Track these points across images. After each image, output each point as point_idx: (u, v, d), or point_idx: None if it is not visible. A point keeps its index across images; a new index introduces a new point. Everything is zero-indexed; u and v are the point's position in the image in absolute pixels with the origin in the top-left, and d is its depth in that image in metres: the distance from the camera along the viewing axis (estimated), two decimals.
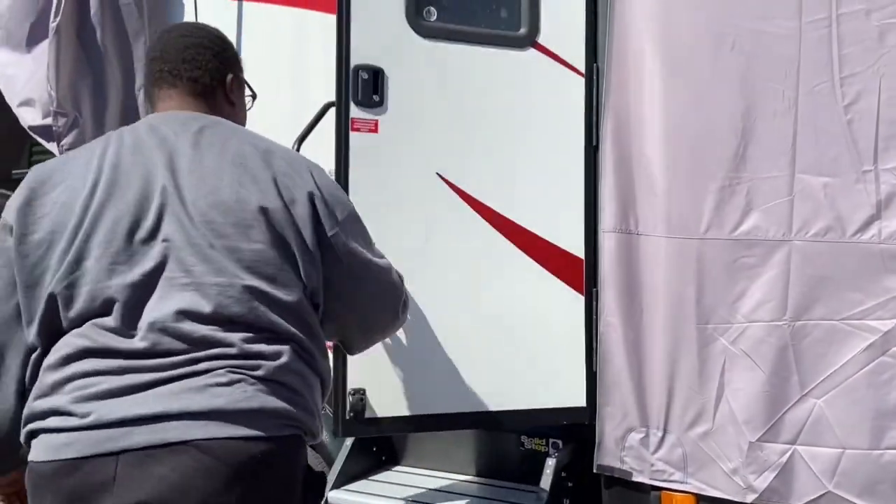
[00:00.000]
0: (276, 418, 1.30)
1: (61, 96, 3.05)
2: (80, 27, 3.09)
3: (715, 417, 2.10)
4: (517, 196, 2.37)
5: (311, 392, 1.40)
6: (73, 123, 3.09)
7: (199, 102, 1.55)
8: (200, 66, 1.54)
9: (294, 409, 1.33)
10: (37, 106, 3.14)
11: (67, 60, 3.07)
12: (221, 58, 1.58)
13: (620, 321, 2.18)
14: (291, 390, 1.34)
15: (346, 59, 2.22)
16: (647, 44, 2.17)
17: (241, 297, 1.32)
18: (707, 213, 2.07)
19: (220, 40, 1.63)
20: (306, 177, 1.48)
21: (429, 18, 2.31)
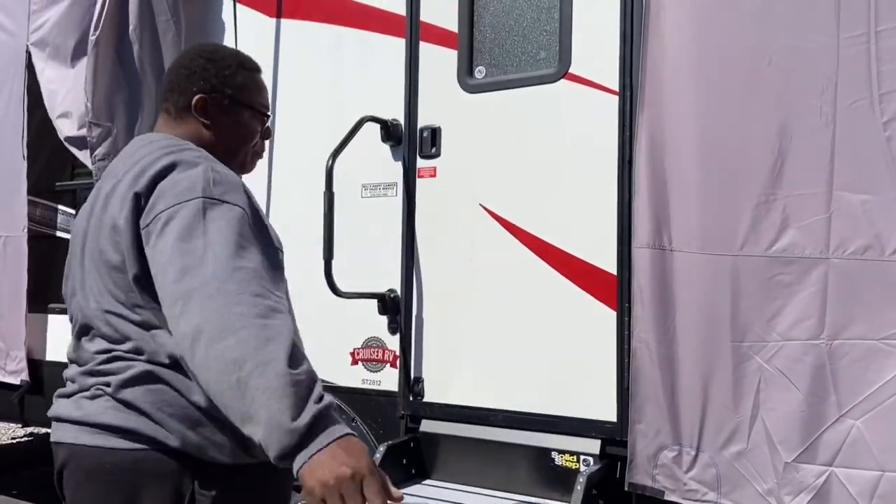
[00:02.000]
0: (125, 433, 1.34)
1: (97, 108, 3.12)
2: (118, 41, 3.16)
3: (750, 437, 2.08)
4: (551, 217, 2.50)
5: (168, 406, 1.34)
6: (106, 134, 3.15)
7: (174, 124, 1.56)
8: (175, 90, 1.56)
9: (143, 425, 1.34)
10: (73, 118, 3.22)
11: (104, 73, 3.13)
12: (192, 78, 1.54)
13: (653, 338, 2.16)
14: (137, 406, 1.34)
15: (413, 122, 2.77)
16: (682, 60, 2.17)
17: (101, 315, 1.40)
18: (743, 229, 2.06)
19: (201, 60, 1.56)
20: (144, 178, 1.37)
21: (478, 77, 2.69)
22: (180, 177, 1.35)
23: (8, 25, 3.53)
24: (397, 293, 2.78)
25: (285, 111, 3.11)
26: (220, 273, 1.23)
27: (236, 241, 1.28)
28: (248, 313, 1.19)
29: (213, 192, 1.32)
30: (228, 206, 1.32)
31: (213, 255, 1.25)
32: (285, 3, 3.12)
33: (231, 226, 1.30)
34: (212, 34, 3.28)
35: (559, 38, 2.52)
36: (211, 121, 1.54)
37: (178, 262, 1.26)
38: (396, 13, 2.84)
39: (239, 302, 1.20)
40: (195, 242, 1.27)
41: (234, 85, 1.55)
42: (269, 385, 1.13)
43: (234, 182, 1.39)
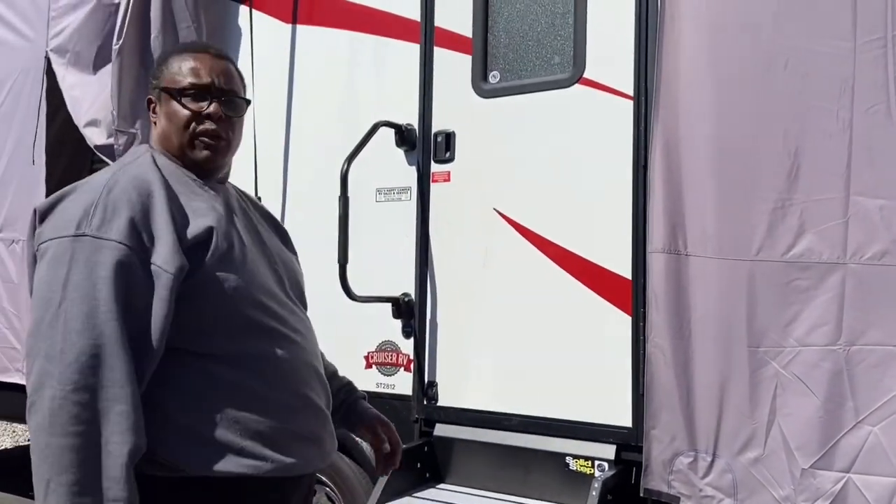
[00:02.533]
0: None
1: (122, 116, 3.15)
2: (141, 49, 3.19)
3: (766, 443, 2.07)
4: (565, 222, 2.51)
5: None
6: (131, 142, 3.18)
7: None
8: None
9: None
10: (101, 126, 3.24)
11: (128, 81, 3.16)
12: (151, 84, 1.56)
13: (669, 343, 2.16)
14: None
15: (427, 127, 2.78)
16: (697, 64, 2.16)
17: None
18: (759, 234, 2.05)
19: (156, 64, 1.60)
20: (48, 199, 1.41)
21: (492, 82, 2.69)
22: (69, 203, 1.35)
23: (26, 31, 3.57)
24: (411, 297, 2.78)
25: (300, 116, 3.13)
26: (65, 353, 1.24)
27: (89, 308, 1.26)
28: (73, 421, 1.23)
29: (88, 227, 1.30)
30: (99, 244, 1.29)
31: (64, 325, 1.25)
32: (301, 9, 3.14)
33: (92, 279, 1.27)
34: (229, 40, 3.30)
35: (573, 42, 2.52)
36: (156, 118, 1.53)
37: (35, 312, 1.29)
38: (411, 18, 2.85)
39: (68, 403, 1.23)
40: (53, 293, 1.28)
41: (161, 75, 1.52)
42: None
43: (124, 200, 1.33)
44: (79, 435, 1.22)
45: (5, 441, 6.34)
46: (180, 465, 1.34)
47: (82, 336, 1.25)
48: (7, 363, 3.52)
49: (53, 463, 1.21)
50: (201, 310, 1.37)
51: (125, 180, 1.36)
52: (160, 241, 1.33)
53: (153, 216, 1.34)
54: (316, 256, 2.91)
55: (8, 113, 3.59)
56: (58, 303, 1.26)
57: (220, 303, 1.39)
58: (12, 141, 3.56)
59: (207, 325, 1.38)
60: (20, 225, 3.53)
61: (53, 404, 1.22)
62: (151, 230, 1.33)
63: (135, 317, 1.30)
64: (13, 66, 3.58)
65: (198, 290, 1.36)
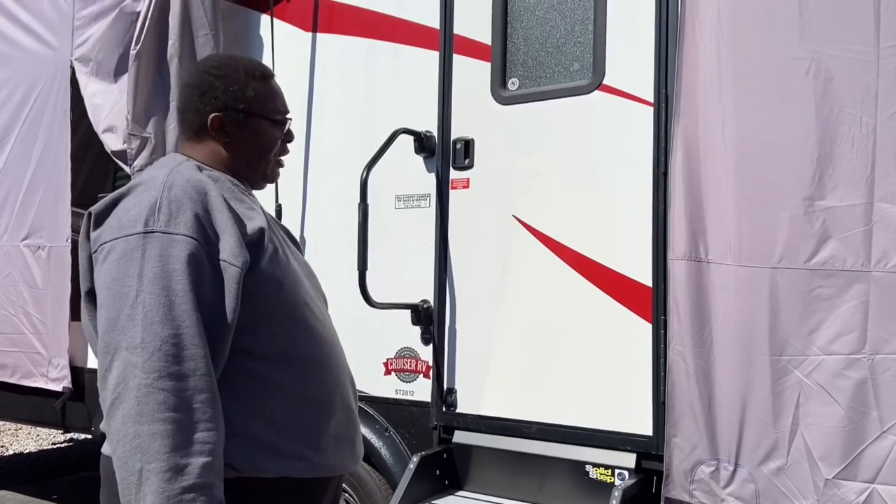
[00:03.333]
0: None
1: (136, 119, 3.18)
2: (158, 55, 3.22)
3: (789, 452, 2.04)
4: (585, 229, 2.50)
5: None
6: (144, 145, 3.21)
7: (192, 145, 1.55)
8: (188, 110, 1.53)
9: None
10: (118, 132, 3.28)
11: (144, 86, 3.20)
12: (204, 98, 1.51)
13: (690, 350, 2.14)
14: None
15: (446, 134, 2.79)
16: (718, 70, 2.15)
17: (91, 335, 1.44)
18: (781, 241, 2.03)
19: (209, 77, 1.53)
20: (101, 201, 1.42)
21: (512, 89, 2.69)
22: (131, 203, 1.36)
23: (51, 41, 3.63)
24: (430, 304, 2.79)
25: (320, 123, 3.16)
26: (147, 343, 1.25)
27: (167, 299, 1.27)
28: (161, 408, 1.24)
29: (156, 224, 1.32)
30: (170, 239, 1.31)
31: (144, 317, 1.26)
32: (321, 18, 3.17)
33: (166, 272, 1.29)
34: (250, 48, 3.34)
35: (593, 49, 2.52)
36: (230, 138, 1.51)
37: (110, 308, 1.29)
38: (430, 26, 2.87)
39: (155, 390, 1.23)
40: (128, 288, 1.28)
41: (246, 98, 1.52)
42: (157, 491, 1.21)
43: (186, 197, 1.35)
44: (168, 421, 1.23)
45: (29, 445, 6.42)
46: (230, 465, 1.34)
47: (164, 326, 1.26)
48: (32, 368, 3.57)
49: (145, 451, 1.21)
50: (252, 307, 1.40)
51: (181, 180, 1.39)
52: (224, 236, 1.37)
53: (213, 213, 1.38)
54: (335, 263, 2.95)
55: (34, 121, 3.66)
56: (134, 296, 1.27)
57: (272, 301, 1.43)
58: (38, 149, 3.63)
59: (257, 323, 1.41)
60: (46, 231, 3.58)
61: (140, 393, 1.23)
62: (214, 226, 1.37)
63: (206, 310, 1.32)
64: (39, 75, 3.65)
65: (252, 287, 1.39)
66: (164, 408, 1.23)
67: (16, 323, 3.63)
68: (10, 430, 6.79)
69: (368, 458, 2.82)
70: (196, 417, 1.25)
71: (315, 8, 3.18)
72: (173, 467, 1.21)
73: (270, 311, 1.42)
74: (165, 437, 1.22)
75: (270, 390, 1.41)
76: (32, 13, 3.70)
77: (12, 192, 3.71)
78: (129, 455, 1.22)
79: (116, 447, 1.25)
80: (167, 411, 1.23)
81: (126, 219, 1.34)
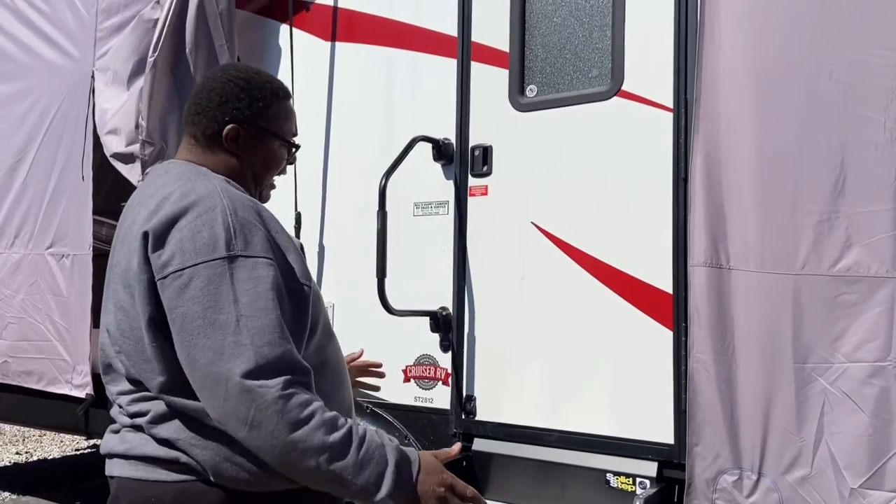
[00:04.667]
0: (166, 464, 1.36)
1: (151, 127, 3.19)
2: (174, 64, 3.24)
3: (813, 461, 2.01)
4: (604, 235, 2.49)
5: (200, 440, 1.35)
6: (158, 153, 3.23)
7: (200, 151, 1.51)
8: (203, 114, 1.50)
9: (183, 456, 1.35)
10: (121, 134, 3.28)
11: (160, 94, 3.21)
12: (224, 107, 1.49)
13: (711, 358, 2.12)
14: (171, 442, 1.36)
15: (465, 141, 2.79)
16: (739, 75, 2.14)
17: (117, 356, 1.42)
18: (804, 248, 2.01)
19: (234, 87, 1.50)
20: (156, 218, 1.34)
21: (530, 96, 2.69)
22: (198, 224, 1.31)
23: (74, 53, 3.67)
24: (449, 311, 2.79)
25: (339, 132, 3.18)
26: (262, 366, 1.26)
27: (270, 322, 1.29)
28: (307, 414, 1.28)
29: (236, 248, 1.30)
30: (254, 262, 1.30)
31: (251, 341, 1.26)
32: (340, 27, 3.19)
33: (260, 295, 1.29)
34: (269, 58, 3.37)
35: (612, 55, 2.51)
36: (241, 151, 1.50)
37: (210, 338, 1.26)
38: (448, 34, 2.87)
39: (291, 405, 1.27)
40: (226, 315, 1.26)
41: (267, 116, 1.52)
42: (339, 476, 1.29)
43: (252, 218, 1.35)
44: (311, 416, 1.27)
45: (52, 451, 6.49)
46: (258, 475, 1.35)
47: (273, 347, 1.27)
48: (57, 374, 3.61)
49: (325, 448, 1.27)
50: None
51: (240, 200, 1.38)
52: (290, 255, 1.41)
53: (275, 234, 1.41)
54: (354, 271, 2.96)
55: (56, 131, 3.70)
56: (234, 322, 1.26)
57: (316, 313, 1.46)
58: (61, 159, 3.67)
59: (308, 336, 1.44)
60: (70, 240, 3.63)
61: (278, 407, 1.24)
62: (280, 247, 1.40)
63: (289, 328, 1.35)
64: (61, 85, 3.69)
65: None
66: (302, 406, 1.27)
67: (42, 330, 3.68)
68: (35, 437, 6.87)
69: None
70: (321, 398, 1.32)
71: (334, 17, 3.20)
72: (343, 441, 1.28)
73: (315, 324, 1.45)
74: (318, 428, 1.27)
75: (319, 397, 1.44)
76: (56, 25, 3.75)
77: (35, 201, 3.76)
78: (312, 461, 1.26)
79: (292, 466, 1.27)
80: (306, 408, 1.27)
81: (200, 242, 1.30)
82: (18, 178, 3.81)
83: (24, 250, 3.78)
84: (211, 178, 1.43)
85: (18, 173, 3.81)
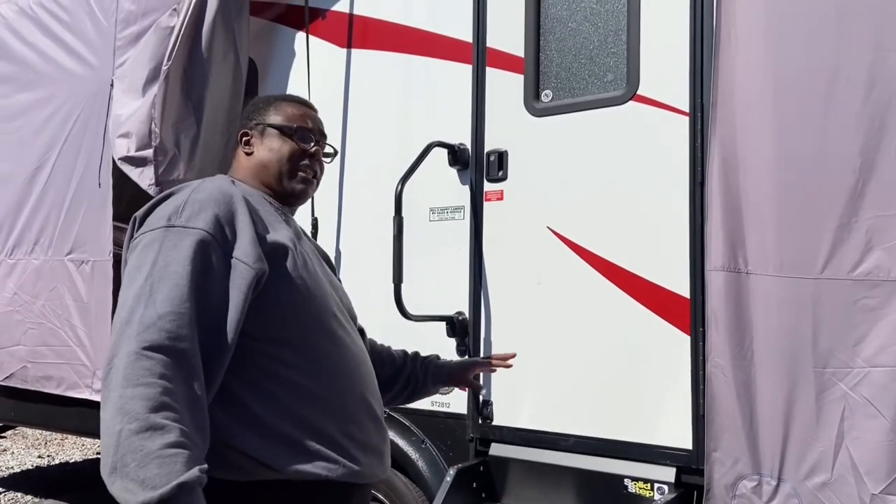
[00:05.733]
0: None
1: (164, 134, 3.22)
2: (188, 71, 3.26)
3: (834, 467, 2.00)
4: (620, 240, 2.48)
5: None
6: (171, 160, 3.25)
7: (233, 157, 1.76)
8: (235, 133, 1.78)
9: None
10: (132, 138, 3.29)
11: (173, 101, 3.23)
12: (240, 119, 1.78)
13: (730, 363, 2.11)
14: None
15: (480, 146, 2.79)
16: (755, 79, 2.12)
17: None
18: (823, 252, 1.99)
19: (247, 105, 1.81)
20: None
21: (545, 101, 2.69)
22: (161, 207, 1.48)
23: (93, 61, 3.72)
24: (466, 315, 2.79)
25: (355, 138, 3.19)
26: (144, 318, 1.31)
27: (171, 282, 1.34)
28: (146, 374, 1.27)
29: (177, 220, 1.42)
30: (186, 232, 1.40)
31: (148, 296, 1.33)
32: (356, 34, 3.21)
33: (176, 259, 1.37)
34: (286, 65, 3.39)
35: (627, 59, 2.51)
36: (251, 149, 1.70)
37: (124, 291, 1.38)
38: (463, 40, 2.88)
39: (143, 358, 1.28)
40: (141, 274, 1.37)
41: (265, 114, 1.72)
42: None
43: (209, 200, 1.45)
44: (150, 386, 1.25)
45: (74, 455, 6.56)
46: (267, 464, 1.40)
47: (163, 305, 1.32)
48: (77, 379, 3.65)
49: (126, 412, 1.23)
50: (281, 314, 1.46)
51: (210, 186, 1.51)
52: (241, 237, 1.45)
53: (236, 216, 1.47)
54: (370, 276, 2.97)
55: (76, 139, 3.75)
56: (143, 280, 1.36)
57: (299, 308, 1.49)
58: (80, 166, 3.71)
59: (287, 331, 1.48)
60: (89, 246, 3.67)
61: (129, 359, 1.27)
62: (235, 227, 1.45)
63: (210, 301, 1.38)
64: (81, 94, 3.74)
65: (279, 294, 1.46)
66: (148, 374, 1.26)
67: (62, 336, 3.72)
68: (57, 440, 6.94)
69: (405, 469, 2.82)
70: (177, 388, 1.28)
71: (350, 24, 3.22)
72: (152, 426, 1.22)
73: (297, 319, 1.49)
74: (146, 399, 1.24)
75: (303, 396, 1.46)
76: (77, 35, 3.79)
77: (55, 208, 3.80)
78: (111, 418, 1.24)
79: (102, 412, 1.27)
80: (151, 377, 1.26)
81: (155, 218, 1.46)
82: (38, 185, 3.86)
83: (44, 256, 3.82)
84: (216, 178, 1.61)
85: (38, 180, 3.86)
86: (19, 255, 3.93)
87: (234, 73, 3.32)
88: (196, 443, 1.27)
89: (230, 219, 1.45)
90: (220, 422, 1.38)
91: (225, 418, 1.40)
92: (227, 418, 1.40)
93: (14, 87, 4.04)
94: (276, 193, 1.68)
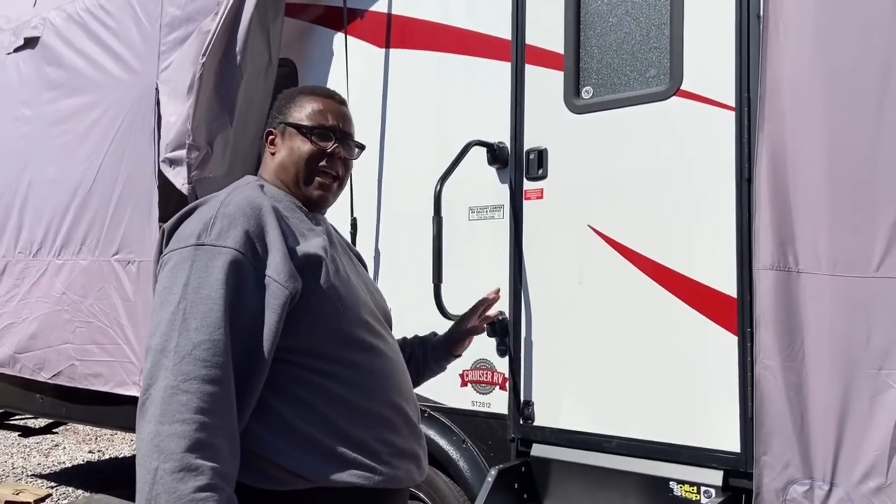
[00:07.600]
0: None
1: (196, 133, 3.25)
2: (222, 70, 3.28)
3: (889, 471, 1.93)
4: (665, 238, 2.43)
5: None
6: (203, 159, 3.27)
7: (263, 157, 1.71)
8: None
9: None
10: (172, 139, 3.34)
11: (206, 99, 3.26)
12: (269, 114, 1.72)
13: (779, 364, 2.05)
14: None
15: (519, 144, 2.76)
16: (805, 72, 2.06)
17: None
18: (879, 249, 1.93)
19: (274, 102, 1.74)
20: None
21: (586, 97, 2.66)
22: (192, 219, 1.45)
23: (138, 67, 3.78)
24: (506, 315, 2.77)
25: (394, 137, 3.19)
26: (179, 347, 1.30)
27: (205, 307, 1.32)
28: (183, 409, 1.27)
29: (207, 237, 1.38)
30: (217, 251, 1.37)
31: (181, 323, 1.31)
32: (394, 34, 3.21)
33: (208, 281, 1.34)
34: (324, 66, 3.41)
35: (670, 54, 2.46)
36: (275, 149, 1.65)
37: (156, 315, 1.35)
38: (502, 38, 2.86)
39: (179, 392, 1.28)
40: (173, 296, 1.34)
41: (286, 111, 1.66)
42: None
43: (239, 214, 1.41)
44: (187, 423, 1.25)
45: (124, 450, 6.71)
46: (301, 475, 1.39)
47: (198, 333, 1.31)
48: (125, 377, 3.73)
49: (162, 450, 1.24)
50: (314, 325, 1.44)
51: (239, 198, 1.46)
52: (273, 253, 1.41)
53: (266, 231, 1.43)
54: (410, 276, 2.97)
55: (121, 142, 3.82)
56: (176, 303, 1.34)
57: (331, 319, 1.46)
58: (125, 169, 3.78)
59: (319, 341, 1.45)
60: (136, 247, 3.74)
61: (165, 394, 1.27)
62: (266, 242, 1.42)
63: (247, 321, 1.36)
64: (126, 98, 3.81)
65: (311, 306, 1.43)
66: (185, 409, 1.26)
67: (111, 334, 3.80)
68: (107, 436, 7.11)
69: (446, 469, 2.82)
70: (214, 422, 1.28)
71: (388, 24, 3.22)
72: (187, 467, 1.23)
73: (329, 329, 1.46)
74: (182, 438, 1.24)
75: (337, 404, 1.45)
76: (122, 40, 3.87)
77: (101, 210, 3.88)
78: (147, 454, 1.25)
79: (139, 446, 1.28)
80: (187, 412, 1.26)
81: (184, 234, 1.42)
82: (84, 187, 3.95)
83: (91, 257, 3.91)
84: (245, 185, 1.56)
85: (84, 183, 3.95)
86: (67, 255, 4.02)
87: (267, 73, 3.34)
88: (229, 479, 1.28)
89: (260, 234, 1.42)
90: (254, 432, 1.38)
91: (258, 428, 1.39)
92: (260, 428, 1.40)
93: (62, 92, 4.13)
94: (294, 194, 1.63)
